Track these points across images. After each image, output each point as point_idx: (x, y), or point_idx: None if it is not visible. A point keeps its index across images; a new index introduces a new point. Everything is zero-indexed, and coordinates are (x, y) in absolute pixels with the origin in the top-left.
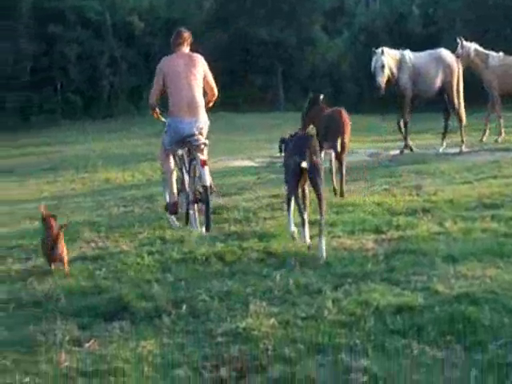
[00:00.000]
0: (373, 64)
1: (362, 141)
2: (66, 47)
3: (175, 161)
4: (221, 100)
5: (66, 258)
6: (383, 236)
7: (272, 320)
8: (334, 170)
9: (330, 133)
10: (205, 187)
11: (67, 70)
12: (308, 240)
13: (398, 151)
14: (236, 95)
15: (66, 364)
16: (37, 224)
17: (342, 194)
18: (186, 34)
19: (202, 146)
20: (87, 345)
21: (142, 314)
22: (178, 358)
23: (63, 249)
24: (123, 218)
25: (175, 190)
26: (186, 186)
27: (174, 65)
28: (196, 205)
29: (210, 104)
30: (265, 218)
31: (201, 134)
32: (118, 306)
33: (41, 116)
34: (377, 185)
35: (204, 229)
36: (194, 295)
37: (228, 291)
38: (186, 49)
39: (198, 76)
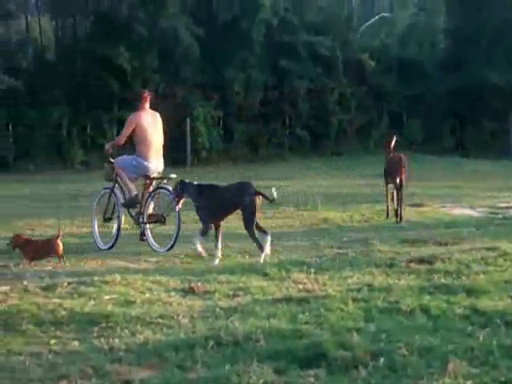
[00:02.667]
0: None
1: None
2: (296, 81)
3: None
4: (449, 143)
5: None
6: None
7: (470, 382)
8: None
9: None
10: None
11: (296, 104)
12: None
13: None
14: (465, 139)
15: None
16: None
17: (400, 218)
18: (146, 94)
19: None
20: None
21: (338, 363)
22: None
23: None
24: (335, 260)
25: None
26: (147, 209)
27: (143, 119)
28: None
29: None
30: (477, 272)
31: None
32: (316, 352)
33: (269, 149)
34: None
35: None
36: (393, 348)
37: (428, 347)
38: (147, 105)
39: (160, 129)
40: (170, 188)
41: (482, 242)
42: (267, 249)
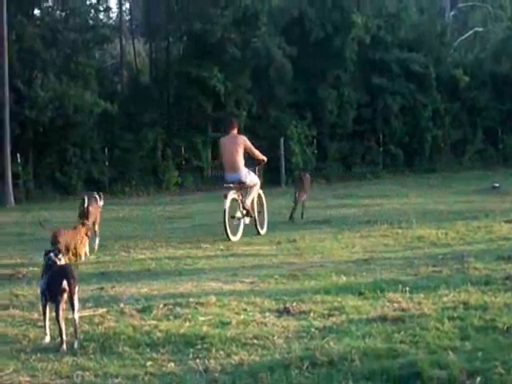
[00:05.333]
0: None
1: None
2: (389, 99)
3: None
4: None
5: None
6: None
7: None
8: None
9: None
10: None
11: (390, 121)
12: None
13: None
14: None
15: None
16: (344, 279)
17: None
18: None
19: None
20: None
21: (434, 382)
22: None
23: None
24: (430, 278)
25: None
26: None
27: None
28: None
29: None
30: None
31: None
32: (412, 371)
33: (363, 166)
34: None
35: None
36: (490, 367)
37: None
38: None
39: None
40: None
41: None
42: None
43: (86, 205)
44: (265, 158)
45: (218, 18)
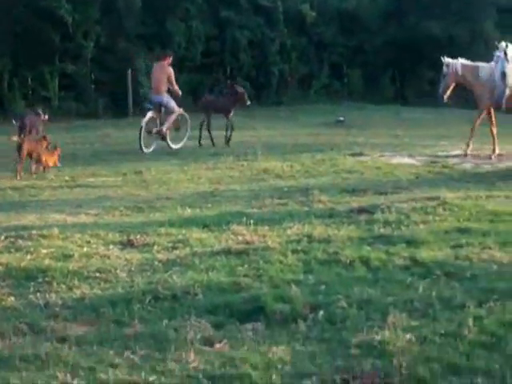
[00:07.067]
0: None
1: None
2: (237, 32)
3: None
4: (389, 93)
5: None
6: None
7: (409, 335)
8: None
9: None
10: None
11: (238, 55)
12: None
13: None
14: (405, 89)
15: (194, 365)
16: (189, 211)
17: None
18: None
19: None
20: (218, 346)
21: (277, 317)
22: (309, 367)
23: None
24: (275, 211)
25: None
26: None
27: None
28: None
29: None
30: (416, 222)
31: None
32: (255, 306)
33: None
34: None
35: None
36: (333, 300)
37: (368, 299)
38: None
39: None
40: None
41: (421, 191)
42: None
43: None
44: (179, 92)
45: None
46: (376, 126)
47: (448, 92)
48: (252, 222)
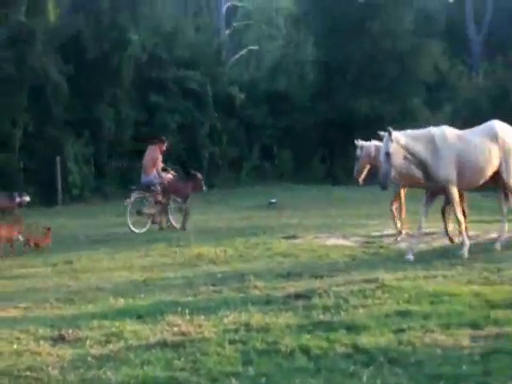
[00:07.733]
0: None
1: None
2: (167, 116)
3: None
4: (320, 172)
5: None
6: (480, 332)
7: None
8: None
9: None
10: None
11: (167, 139)
12: None
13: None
14: (335, 168)
15: None
16: (122, 301)
17: None
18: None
19: None
20: None
21: None
22: None
23: None
24: (210, 298)
25: None
26: None
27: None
28: None
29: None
30: (355, 307)
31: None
32: None
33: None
34: (475, 271)
35: None
36: None
37: None
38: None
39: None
40: None
41: (358, 273)
42: None
43: None
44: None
45: None
46: (308, 206)
47: (362, 175)
48: (187, 311)
